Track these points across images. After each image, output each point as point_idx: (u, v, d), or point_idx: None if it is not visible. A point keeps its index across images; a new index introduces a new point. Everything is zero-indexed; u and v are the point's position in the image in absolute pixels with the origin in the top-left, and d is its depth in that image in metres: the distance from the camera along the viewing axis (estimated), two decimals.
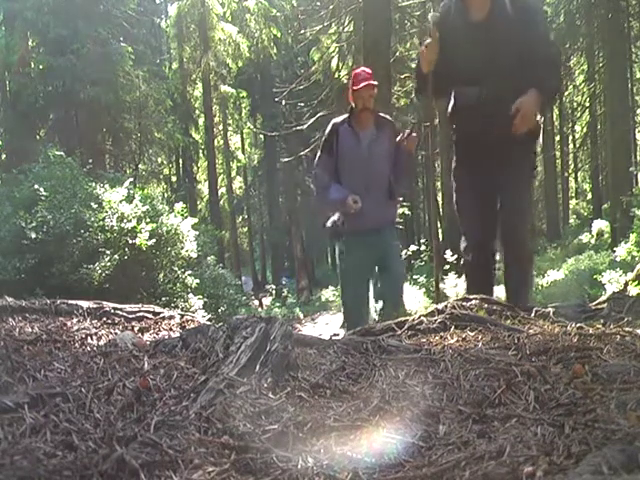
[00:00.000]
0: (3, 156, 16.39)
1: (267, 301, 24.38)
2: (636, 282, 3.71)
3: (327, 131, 3.87)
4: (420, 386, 1.25)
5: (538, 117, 3.03)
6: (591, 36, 17.29)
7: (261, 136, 29.10)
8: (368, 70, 3.85)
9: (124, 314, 1.92)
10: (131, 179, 7.58)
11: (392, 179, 3.78)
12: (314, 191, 3.96)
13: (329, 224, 3.84)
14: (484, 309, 1.93)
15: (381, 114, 3.91)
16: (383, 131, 3.74)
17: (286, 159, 21.92)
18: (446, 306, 1.87)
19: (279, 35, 23.91)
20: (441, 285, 10.66)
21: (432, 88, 3.22)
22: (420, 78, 3.41)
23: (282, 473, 0.87)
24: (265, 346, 1.33)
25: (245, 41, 24.08)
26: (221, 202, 26.83)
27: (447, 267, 10.24)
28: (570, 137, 26.96)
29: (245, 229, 35.69)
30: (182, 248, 6.86)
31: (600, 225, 16.51)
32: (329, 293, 18.56)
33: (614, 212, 13.72)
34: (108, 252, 5.82)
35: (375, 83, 3.74)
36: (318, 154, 3.91)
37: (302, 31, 16.12)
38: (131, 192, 6.77)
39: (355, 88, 3.68)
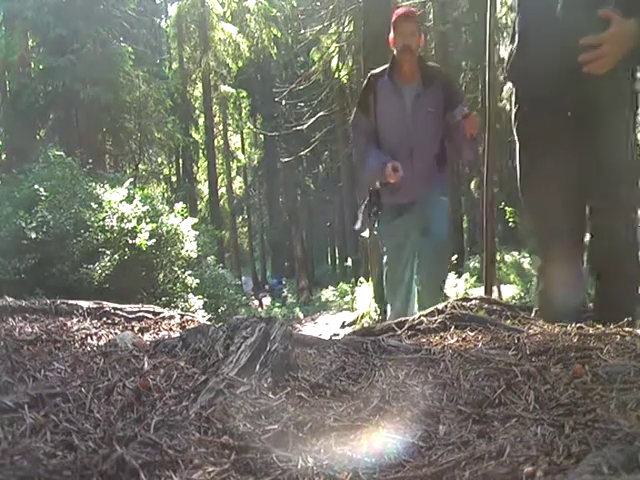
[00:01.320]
0: (3, 156, 16.40)
1: (267, 301, 24.38)
2: None
3: (363, 85, 3.21)
4: (420, 386, 1.25)
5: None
6: None
7: (261, 136, 29.13)
8: (412, 9, 3.21)
9: (124, 314, 1.92)
10: (131, 179, 7.60)
11: (445, 143, 3.13)
12: (353, 157, 3.32)
13: (365, 201, 3.28)
14: (484, 309, 1.94)
15: (430, 64, 3.25)
16: (432, 85, 3.05)
17: (286, 159, 21.94)
18: (446, 306, 1.87)
19: (279, 35, 23.93)
20: None
21: None
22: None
23: (282, 473, 0.87)
24: (265, 346, 1.33)
25: (245, 41, 24.11)
26: (221, 202, 26.84)
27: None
28: None
29: (245, 229, 35.72)
30: (182, 248, 6.87)
31: None
32: (329, 293, 18.56)
33: None
34: (108, 252, 5.83)
35: (416, 14, 3.10)
36: (353, 112, 3.27)
37: (302, 31, 16.13)
38: (131, 192, 6.78)
39: (392, 20, 3.01)
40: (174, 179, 28.05)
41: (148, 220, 6.30)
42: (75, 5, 15.40)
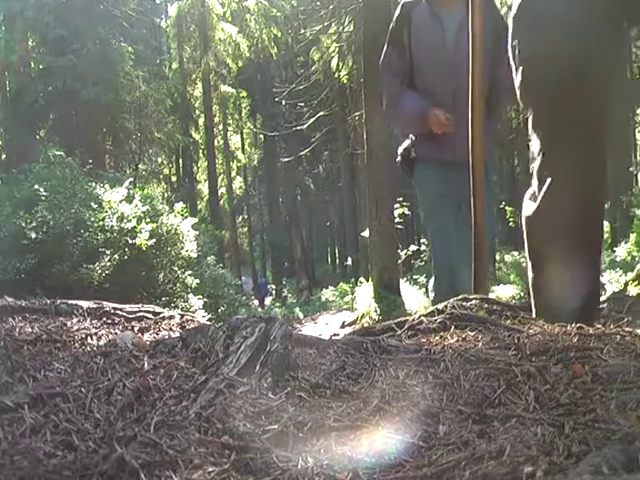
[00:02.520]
0: (3, 156, 16.39)
1: (267, 301, 24.39)
2: (636, 282, 3.71)
3: (395, 16, 2.70)
4: (420, 386, 1.25)
5: None
6: None
7: (261, 136, 29.13)
8: None
9: (124, 314, 1.92)
10: (131, 179, 7.61)
11: (490, 90, 2.51)
12: (382, 102, 2.81)
13: (400, 151, 2.83)
14: (484, 309, 1.93)
15: None
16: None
17: (286, 159, 21.94)
18: (446, 306, 1.87)
19: (279, 35, 23.93)
20: None
21: None
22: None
23: (282, 473, 0.87)
24: (265, 346, 1.33)
25: (245, 41, 24.11)
26: (221, 202, 26.84)
27: None
28: None
29: (245, 229, 35.71)
30: (182, 248, 6.87)
31: None
32: (329, 293, 18.57)
33: (614, 212, 13.73)
34: (108, 252, 5.83)
35: None
36: (384, 49, 2.77)
37: (302, 31, 16.14)
38: (131, 192, 6.79)
39: None
40: (174, 179, 28.05)
41: (148, 220, 6.30)
42: (75, 5, 15.38)
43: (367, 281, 8.83)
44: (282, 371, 1.28)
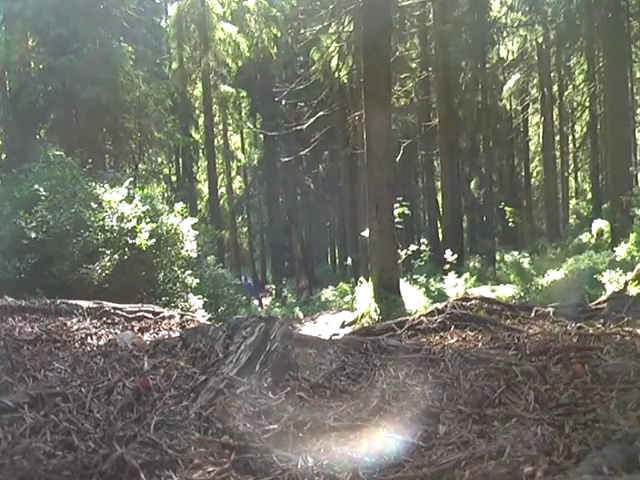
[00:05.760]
0: (3, 156, 16.36)
1: (267, 301, 24.32)
2: (636, 282, 3.71)
3: None
4: (420, 386, 1.25)
5: None
6: (591, 36, 17.26)
7: (261, 136, 29.08)
8: None
9: (124, 314, 1.92)
10: (131, 179, 7.59)
11: None
12: None
13: None
14: (484, 309, 1.93)
15: None
16: None
17: (286, 159, 21.91)
18: (446, 306, 1.87)
19: (279, 35, 23.89)
20: (441, 285, 10.65)
21: None
22: None
23: (282, 473, 0.87)
24: (265, 346, 1.33)
25: (245, 41, 24.07)
26: (221, 202, 26.79)
27: (447, 267, 10.26)
28: (570, 137, 26.96)
29: (245, 229, 35.64)
30: (182, 248, 6.86)
31: (600, 225, 16.49)
32: (329, 293, 18.52)
33: (614, 212, 13.69)
34: (108, 252, 5.82)
35: None
36: None
37: (302, 31, 16.11)
38: (131, 192, 6.77)
39: None
40: (174, 179, 28.00)
41: (148, 220, 6.29)
42: (75, 5, 15.33)
43: (367, 281, 8.82)
44: (282, 371, 1.28)
